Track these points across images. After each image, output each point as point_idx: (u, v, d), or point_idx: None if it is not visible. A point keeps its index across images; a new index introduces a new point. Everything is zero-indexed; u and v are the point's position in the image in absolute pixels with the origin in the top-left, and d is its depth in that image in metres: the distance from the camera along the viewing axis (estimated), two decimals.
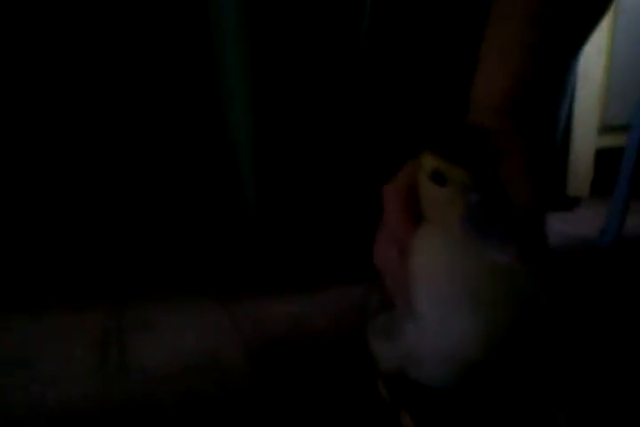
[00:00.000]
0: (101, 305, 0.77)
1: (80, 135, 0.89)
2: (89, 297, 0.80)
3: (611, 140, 1.26)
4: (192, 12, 0.84)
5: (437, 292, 0.39)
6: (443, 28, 0.75)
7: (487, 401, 0.49)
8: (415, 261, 0.40)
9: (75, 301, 0.78)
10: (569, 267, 0.92)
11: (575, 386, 0.55)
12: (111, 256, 0.88)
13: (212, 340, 0.67)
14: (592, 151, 1.25)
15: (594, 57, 1.16)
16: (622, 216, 1.00)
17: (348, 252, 0.82)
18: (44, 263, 0.86)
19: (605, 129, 1.27)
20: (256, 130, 0.80)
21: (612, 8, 1.09)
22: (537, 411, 0.48)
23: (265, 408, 0.53)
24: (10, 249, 0.85)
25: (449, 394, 0.47)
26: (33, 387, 0.58)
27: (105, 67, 0.87)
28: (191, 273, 0.86)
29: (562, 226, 1.16)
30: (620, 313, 0.71)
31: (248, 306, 0.75)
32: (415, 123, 0.74)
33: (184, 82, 0.89)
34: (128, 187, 0.91)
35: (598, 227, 1.05)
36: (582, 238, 1.08)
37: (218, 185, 0.92)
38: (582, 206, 1.29)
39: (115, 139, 0.89)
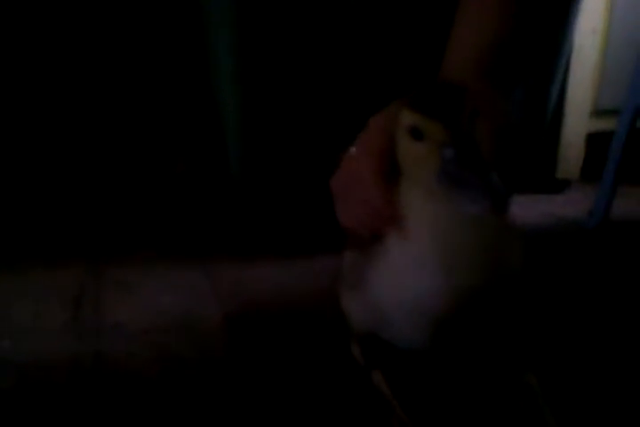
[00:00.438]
0: (80, 264, 0.76)
1: (68, 97, 0.87)
2: (69, 255, 0.79)
3: (603, 124, 1.25)
4: None
5: (411, 245, 0.39)
6: None
7: (457, 360, 0.49)
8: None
9: (54, 258, 0.78)
10: (554, 247, 0.92)
11: (545, 345, 0.55)
12: (94, 216, 0.87)
13: (189, 301, 0.66)
14: (583, 135, 1.25)
15: (589, 36, 1.15)
16: (610, 199, 1.00)
17: (330, 221, 0.81)
18: (26, 220, 0.85)
19: (598, 113, 1.26)
20: (243, 100, 0.79)
21: None
22: (506, 368, 0.48)
23: (238, 368, 0.53)
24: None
25: (420, 354, 0.46)
26: (4, 340, 0.57)
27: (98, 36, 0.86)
28: (173, 236, 0.85)
29: (550, 208, 1.16)
30: (598, 288, 0.71)
31: (228, 270, 0.74)
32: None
33: (174, 52, 0.87)
34: (115, 147, 0.90)
35: (586, 209, 1.05)
36: (570, 220, 1.08)
37: (204, 150, 0.91)
38: (572, 189, 1.29)
39: (103, 101, 0.88)
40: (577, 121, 1.22)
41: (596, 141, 1.26)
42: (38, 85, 0.85)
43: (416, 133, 0.36)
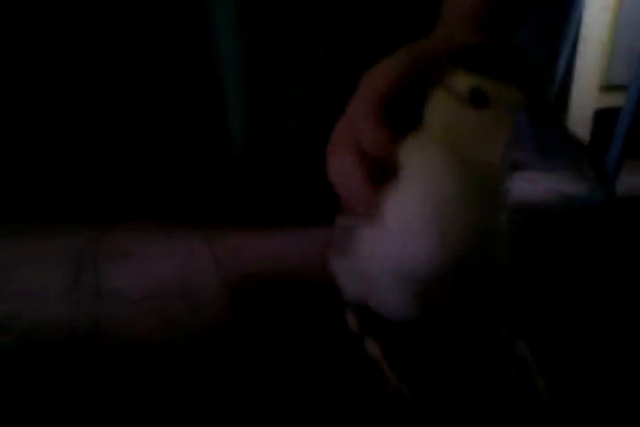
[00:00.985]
0: (82, 231, 0.76)
1: (75, 72, 0.86)
2: (71, 222, 0.79)
3: (612, 100, 1.23)
4: None
5: (402, 208, 0.38)
6: None
7: (447, 329, 0.49)
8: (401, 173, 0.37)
9: (56, 225, 0.78)
10: (556, 222, 0.91)
11: (536, 313, 0.55)
12: (97, 184, 0.87)
13: (189, 269, 0.66)
14: (591, 111, 1.23)
15: (599, 10, 1.12)
16: (615, 175, 0.99)
17: (334, 194, 0.81)
18: (29, 187, 0.85)
19: (607, 88, 1.24)
20: (247, 75, 0.79)
21: None
22: (495, 337, 0.49)
23: (238, 333, 0.54)
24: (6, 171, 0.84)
25: (409, 324, 0.47)
26: (2, 304, 0.58)
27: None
28: (176, 205, 0.85)
29: (554, 184, 1.15)
30: (599, 264, 0.71)
31: (228, 239, 0.75)
32: None
33: (178, 30, 0.86)
34: (118, 115, 0.89)
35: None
36: (574, 196, 1.07)
37: (207, 119, 0.90)
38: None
39: (108, 73, 0.87)
40: (585, 96, 1.21)
41: (604, 117, 1.25)
42: (44, 57, 0.84)
43: (479, 100, 0.31)
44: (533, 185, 1.13)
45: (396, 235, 0.38)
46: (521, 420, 0.43)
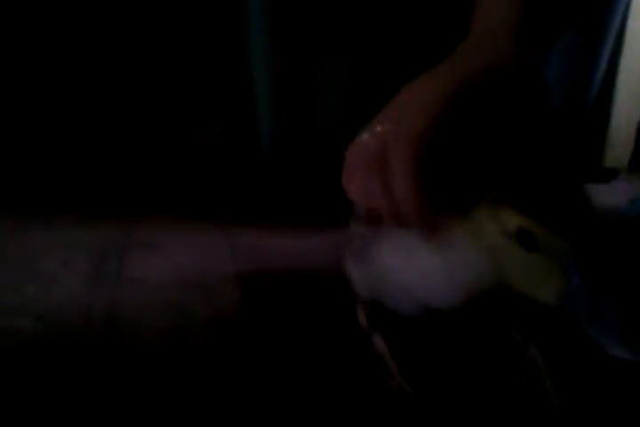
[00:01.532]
0: (110, 223, 0.78)
1: (108, 59, 0.89)
2: (101, 214, 0.81)
3: None
4: None
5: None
6: None
7: (459, 329, 0.48)
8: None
9: (87, 216, 0.80)
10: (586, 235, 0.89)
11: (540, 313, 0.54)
12: (128, 178, 0.89)
13: (207, 262, 0.67)
14: (635, 120, 1.19)
15: None
16: None
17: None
18: (64, 180, 0.88)
19: None
20: (275, 77, 0.80)
21: None
22: (507, 339, 0.48)
23: (245, 326, 0.54)
24: (32, 160, 0.88)
25: (423, 322, 0.46)
26: (28, 287, 0.60)
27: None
28: (199, 202, 0.87)
29: (593, 196, 1.12)
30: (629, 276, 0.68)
31: (248, 236, 0.75)
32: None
33: (209, 23, 0.88)
34: (149, 107, 0.92)
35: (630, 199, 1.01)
36: (611, 209, 1.04)
37: (237, 119, 0.92)
38: (619, 179, 1.24)
39: (137, 65, 0.89)
40: (628, 105, 1.17)
41: None
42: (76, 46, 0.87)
43: (526, 240, 0.31)
44: None
45: (417, 259, 0.38)
46: (526, 420, 0.42)
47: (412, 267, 0.40)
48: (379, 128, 0.39)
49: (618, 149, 1.20)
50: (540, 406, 0.43)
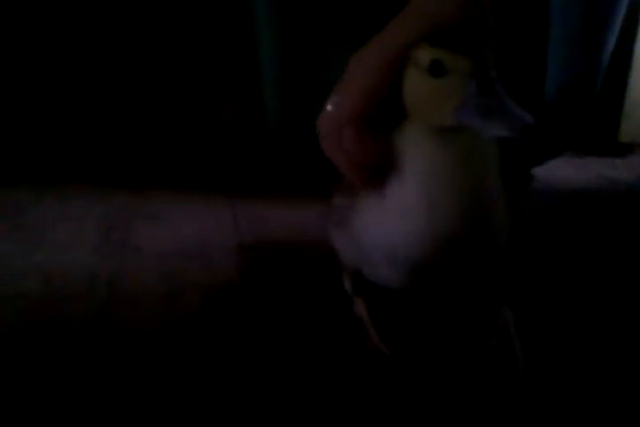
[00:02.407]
0: (120, 195, 0.81)
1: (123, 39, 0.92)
2: (111, 187, 0.84)
3: None
4: None
5: (396, 190, 0.39)
6: None
7: (435, 296, 0.50)
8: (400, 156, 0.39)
9: (97, 189, 0.84)
10: (600, 208, 0.89)
11: (524, 281, 0.55)
12: (138, 151, 0.92)
13: (210, 232, 0.70)
14: None
15: None
16: None
17: None
18: (76, 149, 0.92)
19: None
20: (281, 49, 0.80)
21: None
22: (484, 304, 0.49)
23: (240, 293, 0.57)
24: (48, 134, 0.92)
25: (399, 291, 0.48)
26: (39, 254, 0.64)
27: None
28: (206, 172, 0.90)
29: (607, 171, 1.11)
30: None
31: (253, 208, 0.78)
32: None
33: (220, 16, 0.89)
34: (162, 84, 0.94)
35: None
36: (624, 183, 1.03)
37: (247, 98, 0.94)
38: (636, 153, 1.22)
39: (155, 46, 0.92)
40: None
41: None
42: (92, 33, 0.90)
43: (437, 70, 0.35)
44: (579, 171, 1.09)
45: (388, 213, 0.40)
46: (493, 381, 0.44)
47: (377, 226, 0.41)
48: (334, 99, 0.42)
49: (634, 124, 1.18)
50: (507, 369, 0.45)
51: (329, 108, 0.42)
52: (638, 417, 0.41)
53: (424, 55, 0.35)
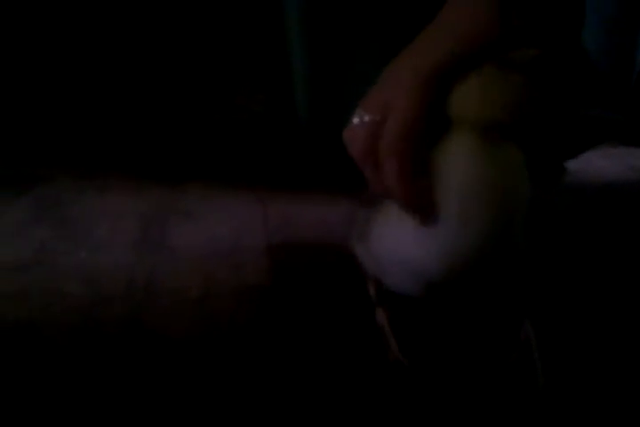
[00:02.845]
0: (158, 190, 0.84)
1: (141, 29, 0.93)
2: (149, 181, 0.87)
3: None
4: None
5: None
6: None
7: (456, 308, 0.51)
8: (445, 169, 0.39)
9: (136, 183, 0.87)
10: (630, 201, 0.88)
11: (544, 294, 0.56)
12: (176, 146, 0.95)
13: (240, 233, 0.72)
14: None
15: None
16: None
17: None
18: (114, 142, 0.96)
19: None
20: (311, 54, 0.81)
21: None
22: (505, 317, 0.50)
23: (268, 296, 0.59)
24: (83, 125, 0.94)
25: (422, 300, 0.49)
26: (83, 252, 0.67)
27: None
28: (237, 167, 0.92)
29: (630, 160, 1.09)
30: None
31: (283, 206, 0.79)
32: None
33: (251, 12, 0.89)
34: (196, 76, 0.96)
35: None
36: None
37: (278, 93, 0.95)
38: None
39: (178, 33, 0.93)
40: None
41: None
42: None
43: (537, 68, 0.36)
44: (612, 162, 1.07)
45: (413, 227, 0.40)
46: (512, 396, 0.45)
47: (397, 240, 0.42)
48: (366, 117, 0.41)
49: None
50: (527, 384, 0.46)
51: (358, 123, 0.41)
52: None
53: (523, 55, 0.37)
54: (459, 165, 0.38)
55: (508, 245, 0.40)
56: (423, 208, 0.40)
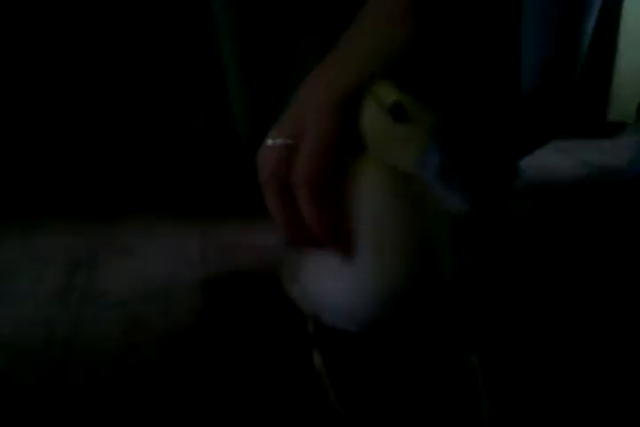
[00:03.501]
0: (87, 226, 0.79)
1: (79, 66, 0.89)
2: (78, 218, 0.82)
3: None
4: None
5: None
6: None
7: (398, 342, 0.48)
8: (356, 199, 0.36)
9: (63, 221, 0.82)
10: (584, 200, 0.86)
11: (491, 327, 0.53)
12: (104, 179, 0.90)
13: (176, 269, 0.68)
14: None
15: None
16: None
17: None
18: (36, 185, 0.90)
19: None
20: (246, 68, 0.77)
21: None
22: (450, 351, 0.47)
23: (202, 340, 0.55)
24: (10, 170, 0.89)
25: (362, 337, 0.46)
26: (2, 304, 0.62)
27: None
28: (177, 197, 0.87)
29: (593, 155, 1.07)
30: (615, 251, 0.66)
31: (223, 235, 0.76)
32: None
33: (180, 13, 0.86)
34: (120, 111, 0.91)
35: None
36: (610, 170, 0.99)
37: (213, 112, 0.91)
38: (625, 133, 1.18)
39: (116, 73, 0.89)
40: (633, 53, 1.09)
41: None
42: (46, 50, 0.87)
43: (399, 114, 0.33)
44: (564, 158, 1.05)
45: (335, 273, 0.38)
46: None
47: (332, 284, 0.39)
48: (279, 140, 0.38)
49: (622, 103, 1.13)
50: (470, 421, 0.43)
51: (270, 147, 0.38)
52: None
53: (387, 94, 0.33)
54: (368, 195, 0.36)
55: (431, 274, 0.37)
56: (339, 240, 0.36)
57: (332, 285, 0.39)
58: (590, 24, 0.87)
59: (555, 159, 1.04)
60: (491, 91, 0.71)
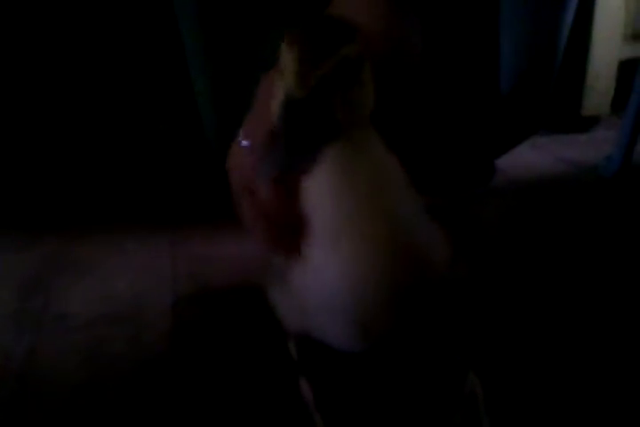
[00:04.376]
0: (50, 243, 0.73)
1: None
2: (43, 232, 0.76)
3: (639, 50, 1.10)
4: None
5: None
6: None
7: (394, 361, 0.44)
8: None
9: (20, 236, 0.75)
10: (562, 199, 0.83)
11: (489, 345, 0.49)
12: (61, 187, 0.84)
13: (145, 284, 0.63)
14: (615, 63, 1.10)
15: None
16: (632, 141, 0.88)
17: None
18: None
19: (634, 36, 1.10)
20: (212, 72, 0.74)
21: None
22: (448, 368, 0.44)
23: (175, 367, 0.50)
24: None
25: (354, 357, 0.42)
26: None
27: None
28: (143, 208, 0.82)
29: (569, 151, 1.04)
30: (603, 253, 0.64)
31: (194, 246, 0.71)
32: None
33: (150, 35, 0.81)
34: (89, 119, 0.86)
35: (609, 152, 0.93)
36: (588, 167, 0.97)
37: (180, 122, 0.87)
38: (601, 127, 1.16)
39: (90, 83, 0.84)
40: (607, 47, 1.07)
41: (630, 70, 1.11)
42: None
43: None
44: (541, 154, 1.03)
45: (321, 271, 0.35)
46: None
47: (318, 282, 0.36)
48: (244, 142, 0.38)
49: (596, 97, 1.11)
50: None
51: (237, 149, 0.38)
52: None
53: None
54: (324, 178, 0.32)
55: (407, 255, 0.34)
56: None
57: (318, 282, 0.35)
58: (569, 15, 0.85)
59: (531, 156, 1.01)
60: (468, 89, 0.68)
